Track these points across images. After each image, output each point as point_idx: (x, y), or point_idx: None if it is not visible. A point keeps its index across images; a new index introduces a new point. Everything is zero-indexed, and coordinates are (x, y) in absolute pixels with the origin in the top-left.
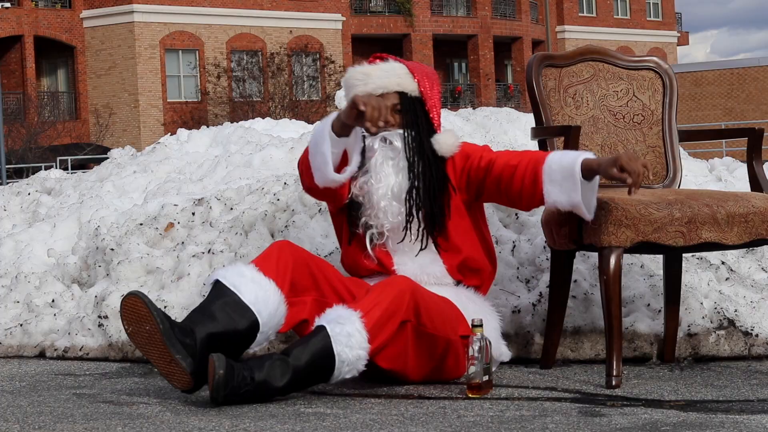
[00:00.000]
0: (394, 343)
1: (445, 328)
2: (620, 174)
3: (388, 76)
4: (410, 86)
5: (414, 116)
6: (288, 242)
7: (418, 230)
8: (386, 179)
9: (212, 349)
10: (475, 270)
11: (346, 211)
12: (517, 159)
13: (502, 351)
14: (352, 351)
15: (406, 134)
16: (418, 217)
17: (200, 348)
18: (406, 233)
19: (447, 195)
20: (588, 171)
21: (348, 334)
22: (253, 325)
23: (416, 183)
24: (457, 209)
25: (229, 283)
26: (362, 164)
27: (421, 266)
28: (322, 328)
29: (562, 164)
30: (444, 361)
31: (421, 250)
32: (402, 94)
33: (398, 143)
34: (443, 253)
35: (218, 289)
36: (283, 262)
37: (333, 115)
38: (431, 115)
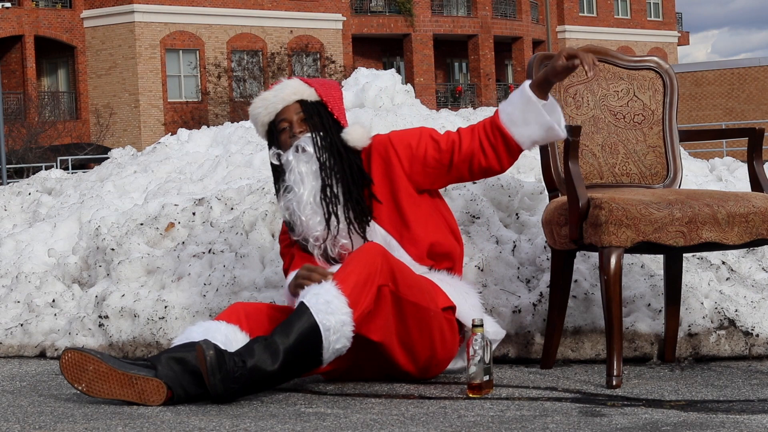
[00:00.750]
0: (377, 312)
1: (424, 297)
2: (568, 61)
3: (283, 89)
4: (306, 92)
5: (318, 118)
6: (240, 302)
7: (338, 228)
8: (306, 188)
9: (174, 365)
10: (443, 254)
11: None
12: (473, 129)
13: (490, 330)
14: (335, 316)
15: (314, 136)
16: (336, 214)
17: (162, 364)
18: (328, 233)
19: (366, 185)
20: (539, 87)
21: (326, 301)
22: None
23: (329, 180)
24: (411, 197)
25: (184, 337)
26: (284, 181)
27: None
28: (300, 303)
29: (513, 102)
30: (432, 338)
31: (364, 240)
32: (302, 102)
33: (310, 147)
34: (407, 244)
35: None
36: (236, 312)
37: (291, 277)
38: (336, 115)
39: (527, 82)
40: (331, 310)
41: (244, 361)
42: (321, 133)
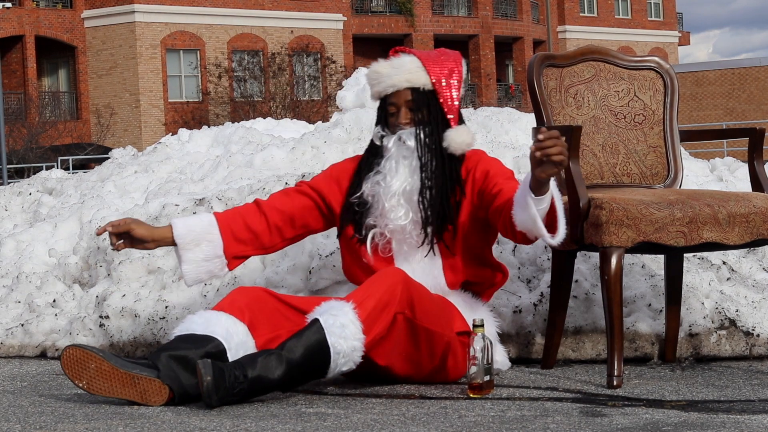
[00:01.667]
0: (389, 337)
1: (440, 322)
2: (537, 154)
3: (398, 73)
4: (421, 80)
5: (427, 111)
6: (242, 287)
7: (426, 232)
8: (398, 179)
9: (175, 366)
10: (476, 284)
11: (350, 215)
12: (508, 191)
13: (498, 359)
14: (347, 342)
15: (418, 132)
16: (427, 219)
17: (162, 364)
18: (423, 234)
19: (458, 196)
20: (535, 183)
21: (342, 325)
22: (219, 349)
23: (428, 182)
24: (470, 223)
25: (185, 328)
26: (377, 164)
27: (422, 279)
28: (315, 320)
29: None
30: (444, 361)
31: (425, 256)
32: (414, 90)
33: (412, 142)
34: (448, 270)
35: (174, 338)
36: (236, 301)
37: None
38: (445, 109)
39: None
40: (345, 334)
41: (246, 374)
42: (426, 129)
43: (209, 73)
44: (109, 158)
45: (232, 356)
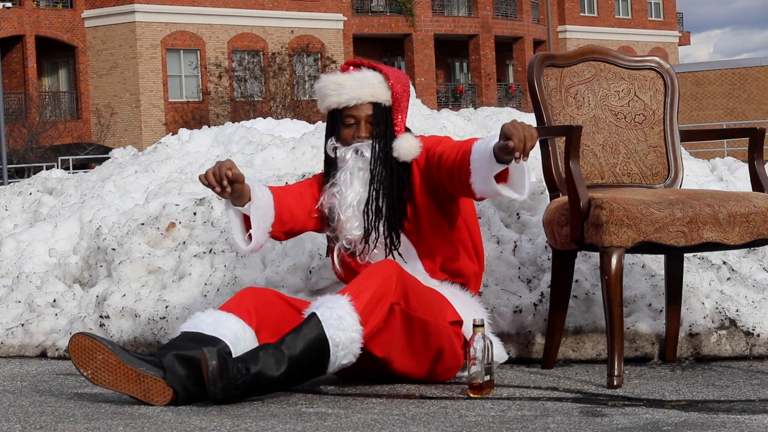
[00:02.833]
0: (386, 328)
1: (433, 312)
2: (504, 142)
3: (362, 87)
4: (383, 96)
5: (384, 126)
6: (252, 288)
7: (376, 241)
8: (353, 191)
9: (181, 367)
10: (456, 270)
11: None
12: (455, 150)
13: (498, 353)
14: (345, 333)
15: (374, 145)
16: (376, 228)
17: (168, 364)
18: (365, 246)
19: (407, 202)
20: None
21: (339, 317)
22: (226, 351)
23: (374, 194)
24: (429, 209)
25: (193, 325)
26: (333, 175)
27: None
28: (312, 315)
29: (480, 151)
30: (440, 351)
31: (386, 257)
32: (376, 105)
33: (368, 154)
34: (423, 256)
35: (181, 335)
36: (245, 303)
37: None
38: (395, 121)
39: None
40: (342, 326)
41: (248, 368)
42: (381, 143)
43: (209, 73)
44: (109, 158)
45: None
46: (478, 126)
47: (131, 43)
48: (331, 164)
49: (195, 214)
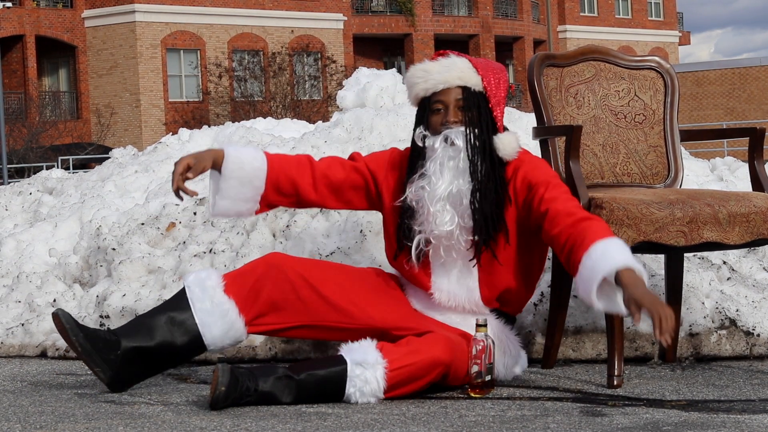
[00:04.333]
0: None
1: (465, 368)
2: (634, 310)
3: (449, 71)
4: (473, 80)
5: (477, 112)
6: (275, 262)
7: (476, 238)
8: (444, 182)
9: (138, 360)
10: (509, 301)
11: (397, 219)
12: (563, 225)
13: (517, 371)
14: (363, 397)
15: (468, 132)
16: (477, 224)
17: (122, 361)
18: (462, 240)
19: (506, 203)
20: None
21: (366, 380)
22: (196, 343)
23: (478, 185)
24: (517, 230)
25: (190, 296)
26: (421, 166)
27: (457, 292)
28: (342, 361)
29: (594, 265)
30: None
31: (471, 261)
32: (465, 89)
33: (460, 142)
34: (484, 285)
35: (177, 298)
36: (256, 286)
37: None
38: (495, 113)
39: (624, 262)
40: (364, 390)
41: (257, 388)
42: (476, 131)
43: (209, 73)
44: (109, 158)
45: (209, 350)
46: None
47: (131, 42)
48: (419, 154)
49: (195, 214)
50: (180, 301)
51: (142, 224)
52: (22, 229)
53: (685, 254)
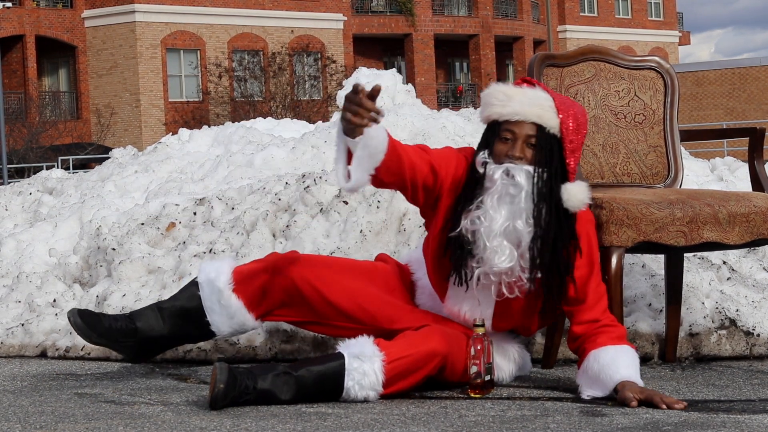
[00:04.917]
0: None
1: (463, 362)
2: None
3: (530, 104)
4: (551, 122)
5: (549, 155)
6: (281, 266)
7: (533, 279)
8: (500, 218)
9: (153, 344)
10: (520, 331)
11: (450, 242)
12: (586, 326)
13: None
14: (362, 391)
15: (535, 173)
16: (536, 265)
17: (140, 345)
18: (524, 278)
19: (572, 253)
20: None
21: (364, 372)
22: (206, 334)
23: (540, 232)
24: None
25: (201, 295)
26: (478, 195)
27: (470, 315)
28: (340, 356)
29: (603, 368)
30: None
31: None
32: (540, 128)
33: (522, 180)
34: (497, 316)
35: (189, 290)
36: (264, 286)
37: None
38: (568, 161)
39: (626, 374)
40: (363, 383)
41: (255, 386)
42: (544, 175)
43: (209, 73)
44: (109, 158)
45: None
46: (478, 126)
47: (131, 43)
48: (477, 181)
49: (195, 213)
50: (190, 295)
51: (142, 224)
52: (22, 229)
53: (685, 254)
